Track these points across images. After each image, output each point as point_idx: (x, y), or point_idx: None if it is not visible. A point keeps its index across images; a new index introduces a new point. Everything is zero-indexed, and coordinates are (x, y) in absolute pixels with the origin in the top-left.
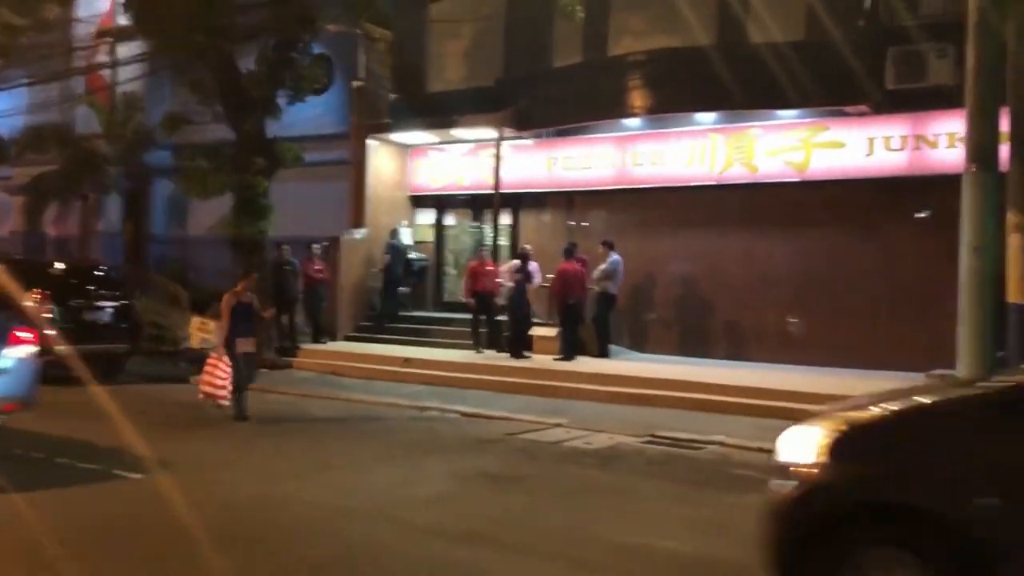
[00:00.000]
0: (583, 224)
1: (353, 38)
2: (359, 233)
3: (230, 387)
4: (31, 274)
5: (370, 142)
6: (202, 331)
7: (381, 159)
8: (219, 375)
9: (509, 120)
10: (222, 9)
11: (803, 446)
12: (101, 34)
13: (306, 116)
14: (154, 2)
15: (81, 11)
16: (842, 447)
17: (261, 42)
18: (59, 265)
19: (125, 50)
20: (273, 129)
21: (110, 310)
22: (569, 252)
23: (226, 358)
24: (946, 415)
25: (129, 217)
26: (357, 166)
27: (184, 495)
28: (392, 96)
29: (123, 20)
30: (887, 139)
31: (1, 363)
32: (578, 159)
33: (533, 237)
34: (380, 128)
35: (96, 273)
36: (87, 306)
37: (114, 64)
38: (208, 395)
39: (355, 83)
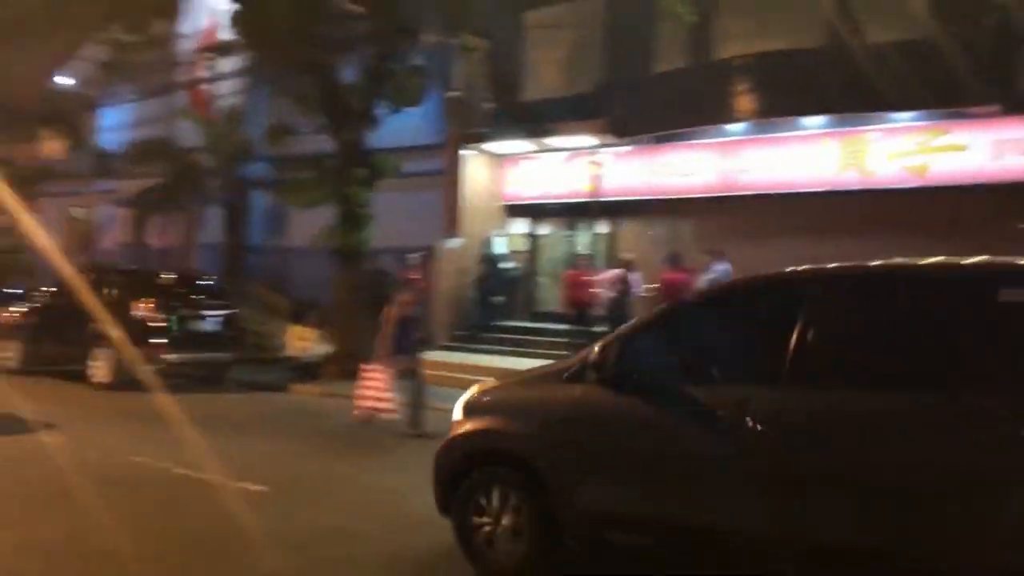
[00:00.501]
0: (683, 233)
1: (449, 48)
2: (454, 243)
3: (392, 400)
4: (142, 284)
5: (465, 152)
6: (301, 340)
7: (476, 169)
8: (379, 388)
9: (608, 127)
10: (325, 21)
11: (457, 407)
12: (203, 49)
13: (402, 127)
14: (260, 16)
15: (184, 28)
16: (471, 408)
17: (361, 54)
18: (168, 275)
19: (227, 64)
20: (371, 140)
21: (216, 319)
22: (673, 261)
23: (383, 371)
24: (532, 384)
25: (228, 228)
26: (452, 176)
27: None
28: (487, 105)
29: (225, 35)
30: (1017, 142)
31: None
32: (679, 165)
33: (632, 246)
34: (475, 138)
35: (201, 283)
36: (194, 315)
37: (215, 79)
38: (369, 409)
39: (450, 93)
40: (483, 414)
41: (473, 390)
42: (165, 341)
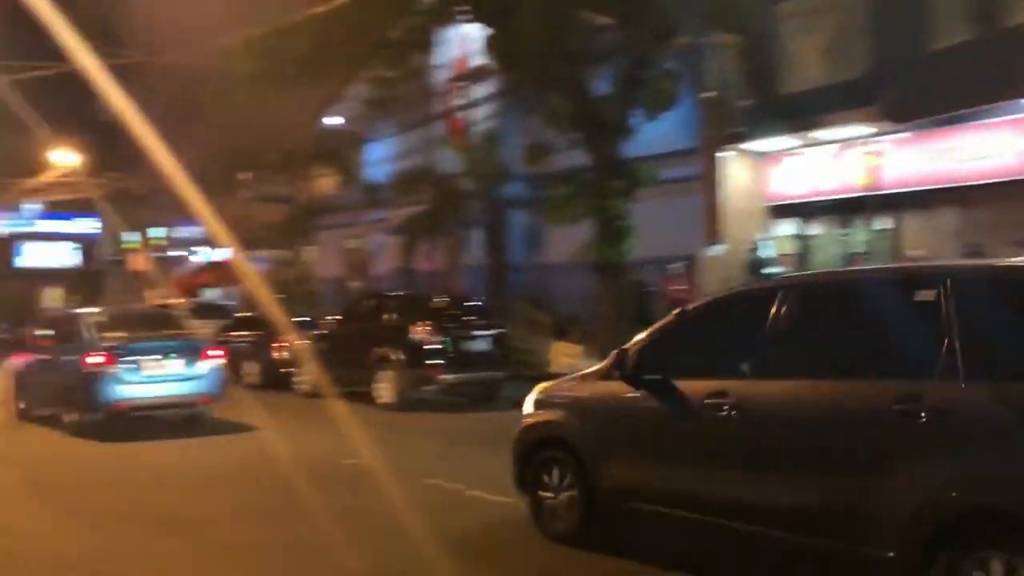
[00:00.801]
0: (980, 223)
1: (701, 49)
2: (718, 249)
3: None
4: (418, 308)
5: (722, 154)
6: (566, 356)
7: (735, 170)
8: None
9: (883, 113)
10: (575, 36)
11: (527, 402)
12: (457, 78)
13: (656, 133)
14: (512, 39)
15: (438, 59)
16: (537, 403)
17: (613, 64)
18: (440, 298)
19: (480, 90)
20: (626, 150)
21: (486, 338)
22: (975, 255)
23: None
24: (579, 382)
25: (489, 249)
26: (709, 180)
27: None
28: (744, 103)
29: (477, 62)
30: None
31: (198, 371)
32: (970, 149)
33: (919, 241)
34: (732, 138)
35: (471, 304)
36: (466, 335)
37: (470, 105)
38: None
39: (704, 94)
40: (544, 408)
41: (538, 387)
42: (442, 362)
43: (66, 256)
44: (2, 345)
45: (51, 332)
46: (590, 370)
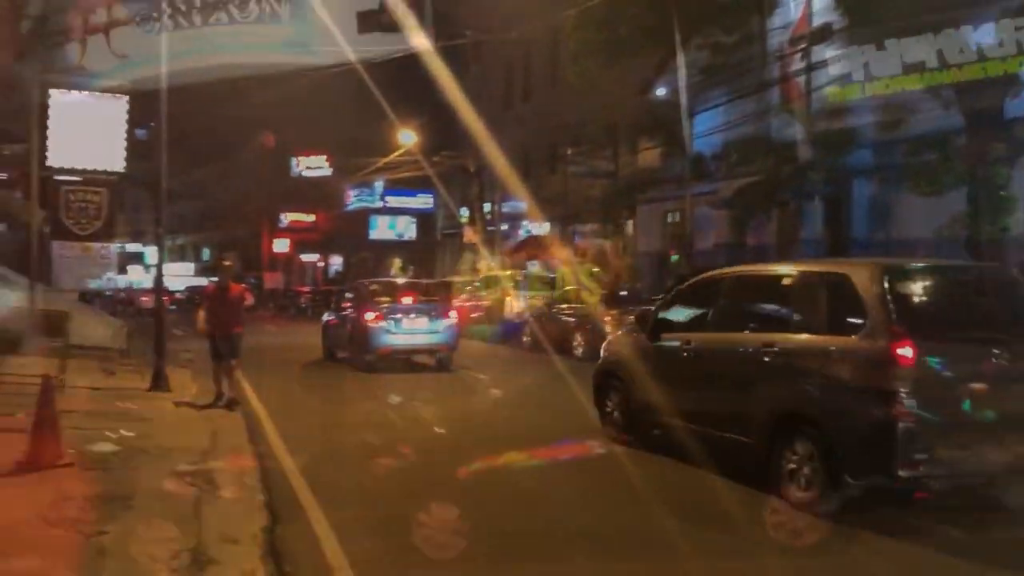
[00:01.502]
0: None
1: None
2: None
3: None
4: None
5: None
6: None
7: None
8: None
9: None
10: None
11: (602, 349)
12: (797, 40)
13: None
14: None
15: (776, 22)
16: (607, 347)
17: (1000, 9)
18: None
19: (823, 52)
20: (1011, 109)
21: None
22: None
23: None
24: (627, 334)
25: (829, 222)
26: None
27: None
28: None
29: (820, 21)
30: None
31: (439, 327)
32: None
33: None
34: None
35: None
36: None
37: (811, 68)
38: None
39: None
40: (607, 351)
41: (609, 338)
42: None
43: (407, 229)
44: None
45: (350, 295)
46: (631, 326)
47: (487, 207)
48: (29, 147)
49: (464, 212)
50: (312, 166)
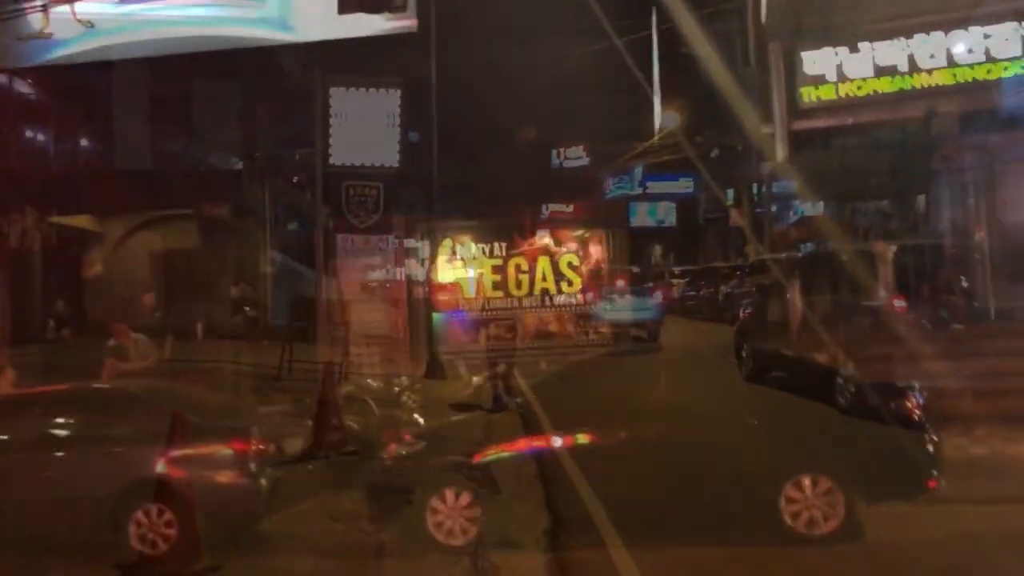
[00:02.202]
0: None
1: None
2: None
3: None
4: None
5: None
6: None
7: None
8: None
9: None
10: None
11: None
12: None
13: None
14: None
15: None
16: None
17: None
18: None
19: None
20: None
21: None
22: None
23: None
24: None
25: None
26: None
27: None
28: None
29: None
30: None
31: (649, 304)
32: None
33: None
34: None
35: None
36: None
37: None
38: None
39: None
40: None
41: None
42: None
43: (668, 215)
44: None
45: None
46: None
47: (754, 188)
48: (315, 147)
49: (730, 194)
50: (571, 156)
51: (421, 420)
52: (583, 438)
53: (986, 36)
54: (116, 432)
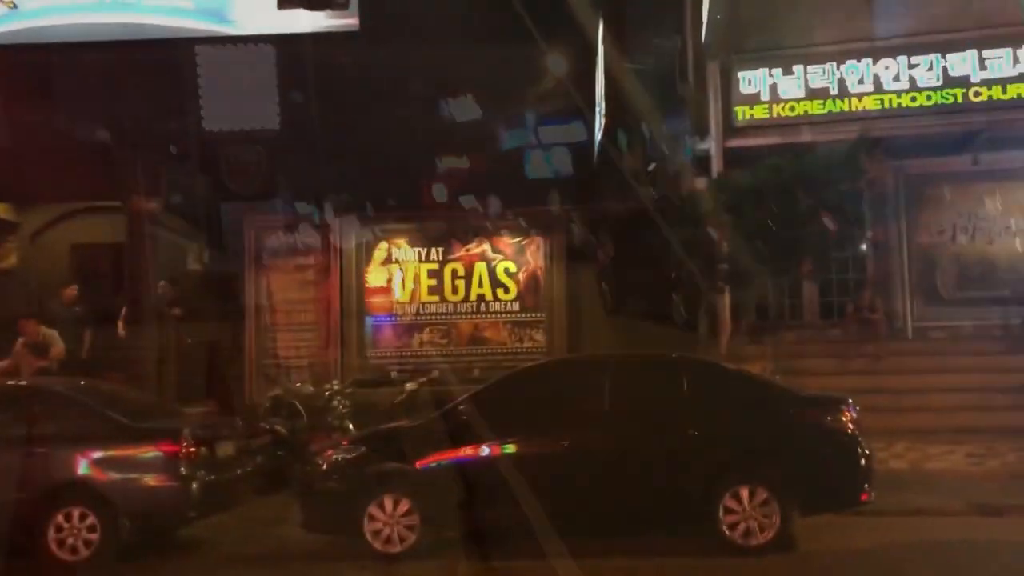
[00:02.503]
0: None
1: None
2: None
3: None
4: None
5: None
6: None
7: None
8: None
9: None
10: None
11: None
12: None
13: None
14: None
15: None
16: None
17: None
18: None
19: None
20: None
21: None
22: None
23: None
24: None
25: None
26: None
27: None
28: None
29: None
30: None
31: None
32: None
33: None
34: None
35: None
36: None
37: None
38: None
39: None
40: None
41: None
42: None
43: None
44: None
45: None
46: None
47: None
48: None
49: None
50: (462, 109)
51: (351, 426)
52: (524, 446)
53: (911, 65)
54: (38, 432)
